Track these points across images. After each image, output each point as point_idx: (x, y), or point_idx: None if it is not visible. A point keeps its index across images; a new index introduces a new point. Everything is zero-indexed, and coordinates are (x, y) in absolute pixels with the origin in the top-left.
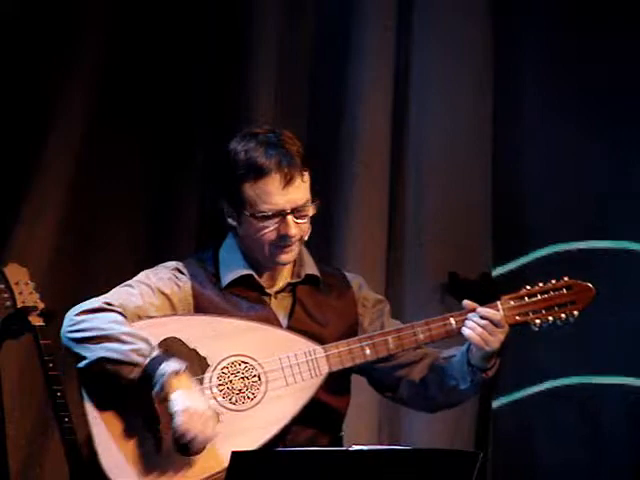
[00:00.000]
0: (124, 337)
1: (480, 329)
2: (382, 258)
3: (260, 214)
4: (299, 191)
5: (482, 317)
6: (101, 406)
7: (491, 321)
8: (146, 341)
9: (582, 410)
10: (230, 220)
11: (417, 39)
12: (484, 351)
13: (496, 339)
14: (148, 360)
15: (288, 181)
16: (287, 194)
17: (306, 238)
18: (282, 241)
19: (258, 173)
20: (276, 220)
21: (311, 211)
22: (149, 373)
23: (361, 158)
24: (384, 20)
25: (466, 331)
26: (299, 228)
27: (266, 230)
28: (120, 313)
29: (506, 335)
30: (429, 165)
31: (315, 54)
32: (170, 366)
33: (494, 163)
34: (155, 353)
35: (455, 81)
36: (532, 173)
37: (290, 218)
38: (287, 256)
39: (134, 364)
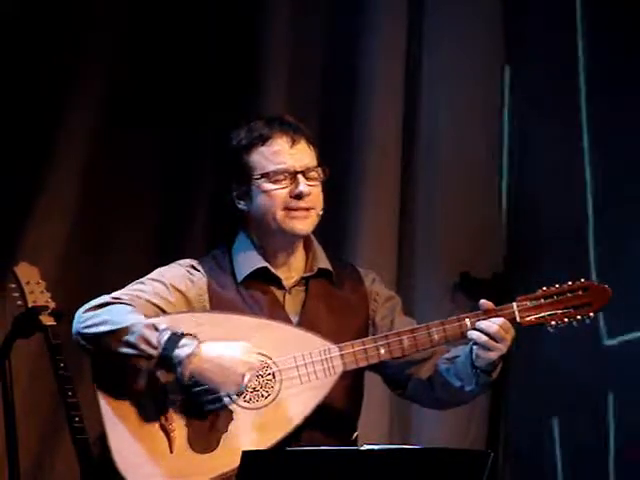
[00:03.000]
0: (133, 328)
1: (484, 340)
2: (394, 259)
3: (270, 172)
4: (306, 153)
5: (483, 332)
6: (115, 405)
7: (490, 335)
8: (154, 327)
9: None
10: (241, 204)
11: (428, 36)
12: (490, 358)
13: (503, 344)
14: (160, 350)
15: (294, 141)
16: (294, 154)
17: (320, 212)
18: (296, 202)
19: (264, 138)
20: (287, 181)
21: (321, 175)
22: (165, 360)
23: (372, 157)
24: (395, 15)
25: (473, 348)
26: (311, 191)
27: (278, 191)
28: (128, 304)
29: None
30: (440, 163)
31: (325, 53)
32: (183, 351)
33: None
34: (164, 339)
35: (466, 79)
36: (546, 172)
37: (300, 177)
38: (302, 224)
39: (148, 356)
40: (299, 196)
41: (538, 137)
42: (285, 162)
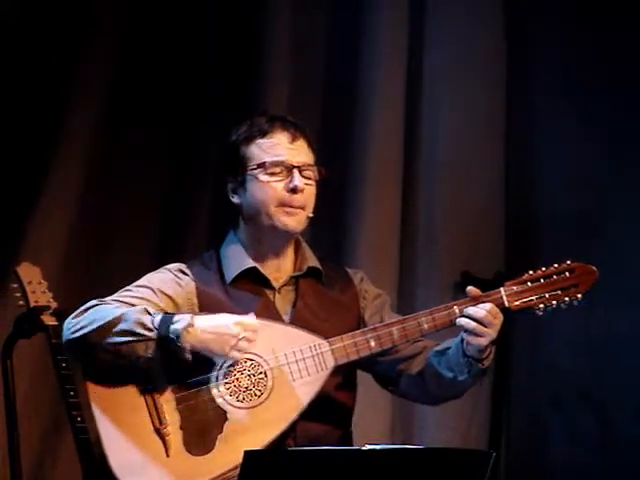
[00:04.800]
0: (125, 316)
1: (473, 326)
2: (395, 258)
3: (266, 163)
4: (304, 151)
5: (471, 318)
6: (109, 410)
7: (478, 321)
8: (145, 311)
9: (597, 409)
10: (235, 197)
11: (430, 35)
12: (480, 344)
13: (492, 329)
14: (156, 330)
15: (294, 138)
16: (293, 149)
17: (311, 214)
18: (290, 196)
19: (263, 131)
20: (282, 175)
21: (317, 174)
22: (163, 339)
23: (374, 157)
24: (397, 15)
25: (462, 336)
26: (305, 188)
27: (272, 184)
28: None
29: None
30: (442, 164)
31: (326, 52)
32: (179, 324)
33: (507, 162)
34: (158, 319)
35: (467, 81)
36: (545, 172)
37: (296, 172)
38: (292, 220)
39: (146, 339)
40: (293, 190)
41: (540, 137)
42: (282, 155)
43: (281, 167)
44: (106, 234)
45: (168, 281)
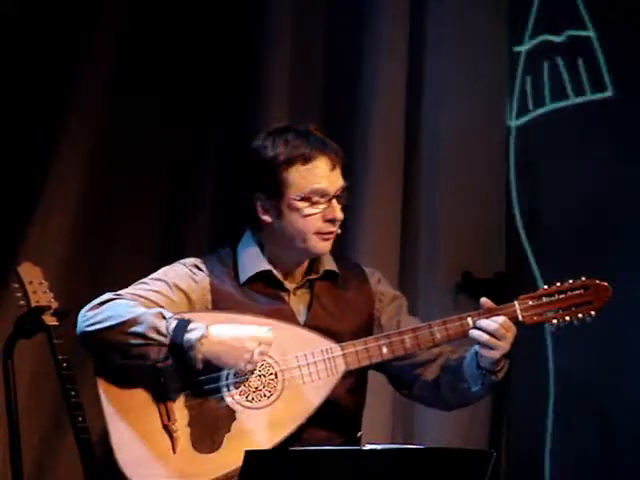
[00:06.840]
0: (140, 319)
1: (485, 339)
2: (396, 258)
3: (308, 196)
4: (340, 176)
5: (484, 330)
6: (117, 404)
7: (490, 333)
8: (161, 315)
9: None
10: (266, 216)
11: (430, 35)
12: (492, 357)
13: (504, 342)
14: (170, 337)
15: (334, 165)
16: (332, 177)
17: (339, 230)
18: (328, 226)
19: (305, 157)
20: (322, 204)
21: (346, 194)
22: (176, 347)
23: (375, 156)
24: (397, 15)
25: (476, 348)
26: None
27: (312, 214)
28: (131, 300)
29: (515, 335)
30: (443, 163)
31: (326, 52)
32: (193, 334)
33: (507, 162)
34: (173, 326)
35: (469, 77)
36: (546, 172)
37: (334, 201)
38: (327, 245)
39: (158, 344)
40: (332, 220)
41: (541, 137)
42: (324, 186)
43: (322, 197)
44: (106, 234)
45: (184, 276)
